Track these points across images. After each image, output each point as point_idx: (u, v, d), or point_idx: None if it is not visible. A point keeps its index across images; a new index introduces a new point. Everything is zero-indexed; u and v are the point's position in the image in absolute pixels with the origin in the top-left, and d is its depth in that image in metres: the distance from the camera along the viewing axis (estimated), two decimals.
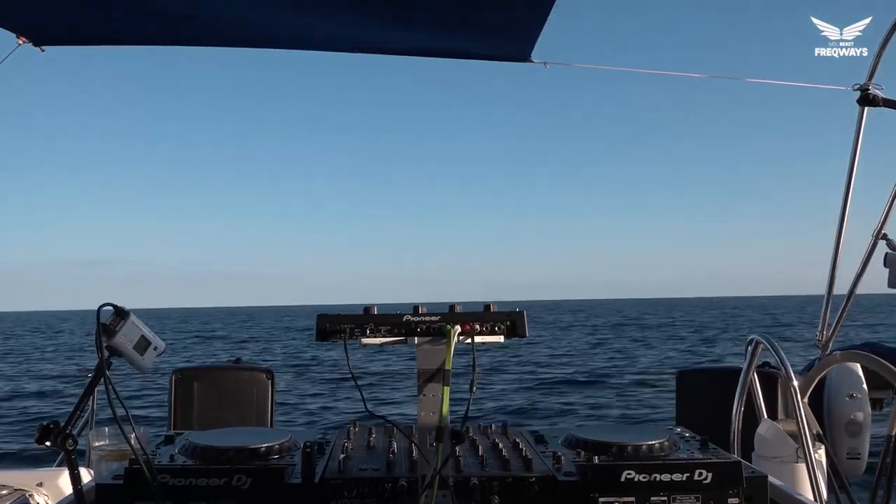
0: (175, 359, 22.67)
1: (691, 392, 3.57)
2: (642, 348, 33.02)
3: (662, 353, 29.43)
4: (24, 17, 2.78)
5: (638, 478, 1.66)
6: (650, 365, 23.58)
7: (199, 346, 42.27)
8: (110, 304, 1.67)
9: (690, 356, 27.29)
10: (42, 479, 2.52)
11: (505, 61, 3.30)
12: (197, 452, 1.78)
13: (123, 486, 1.65)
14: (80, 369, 13.20)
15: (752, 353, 3.01)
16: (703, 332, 45.84)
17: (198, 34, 3.16)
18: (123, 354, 1.68)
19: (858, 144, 3.67)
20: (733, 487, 1.68)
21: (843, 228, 3.71)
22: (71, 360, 29.42)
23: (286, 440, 1.89)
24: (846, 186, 3.69)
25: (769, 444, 2.69)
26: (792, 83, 4.13)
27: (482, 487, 1.67)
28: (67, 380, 20.75)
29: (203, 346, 41.39)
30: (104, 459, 2.07)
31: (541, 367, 20.38)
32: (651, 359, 26.42)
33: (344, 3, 2.75)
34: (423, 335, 1.71)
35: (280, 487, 1.66)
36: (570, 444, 1.93)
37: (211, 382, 3.66)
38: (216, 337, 53.65)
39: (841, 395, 3.12)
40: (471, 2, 2.70)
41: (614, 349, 32.52)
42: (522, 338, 1.74)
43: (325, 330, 1.72)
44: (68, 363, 29.51)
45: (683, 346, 33.04)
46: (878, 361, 2.90)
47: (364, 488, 1.68)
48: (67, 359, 32.02)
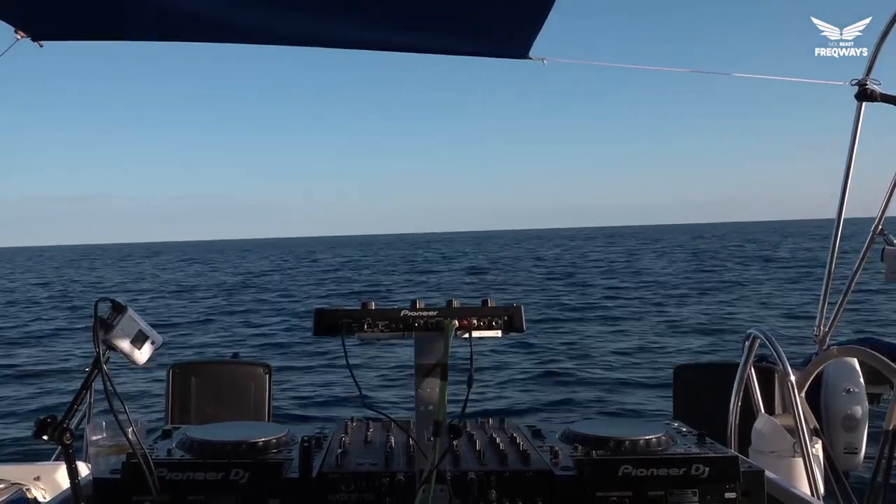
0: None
1: (688, 387, 3.57)
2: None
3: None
4: (23, 12, 2.76)
5: (635, 472, 1.67)
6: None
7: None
8: (108, 299, 1.67)
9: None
10: (39, 474, 2.52)
11: (503, 58, 3.30)
12: (194, 447, 1.78)
13: (121, 480, 1.65)
14: (79, 365, 13.20)
15: (750, 347, 3.01)
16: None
17: (198, 30, 3.15)
18: (121, 349, 1.67)
19: (856, 139, 3.67)
20: (730, 482, 1.69)
21: (840, 221, 3.71)
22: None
23: (284, 435, 1.89)
24: (844, 181, 3.68)
25: (766, 438, 2.69)
26: (785, 78, 4.14)
27: (480, 482, 1.68)
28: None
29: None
30: (101, 454, 2.06)
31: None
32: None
33: (344, 1, 2.74)
34: (421, 330, 1.71)
35: (278, 482, 1.66)
36: (567, 438, 1.94)
37: (208, 377, 3.65)
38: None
39: (838, 390, 3.12)
40: (471, 2, 2.70)
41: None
42: (520, 332, 1.74)
43: (323, 324, 1.72)
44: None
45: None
46: (876, 356, 2.90)
47: (361, 483, 1.68)
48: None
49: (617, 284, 31.18)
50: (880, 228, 3.50)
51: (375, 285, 36.38)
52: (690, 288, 28.17)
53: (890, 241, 3.41)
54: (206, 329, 20.90)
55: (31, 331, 21.31)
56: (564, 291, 28.96)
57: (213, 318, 23.69)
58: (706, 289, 27.63)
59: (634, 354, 14.29)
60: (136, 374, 10.16)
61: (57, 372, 14.02)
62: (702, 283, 30.31)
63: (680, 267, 41.15)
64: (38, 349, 17.42)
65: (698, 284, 29.48)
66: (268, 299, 30.00)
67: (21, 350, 17.34)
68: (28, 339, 19.58)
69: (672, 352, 14.35)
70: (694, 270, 37.96)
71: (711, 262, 44.32)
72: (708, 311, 20.83)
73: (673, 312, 20.88)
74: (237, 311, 25.52)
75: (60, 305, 30.06)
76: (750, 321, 17.43)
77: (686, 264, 43.42)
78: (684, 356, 13.51)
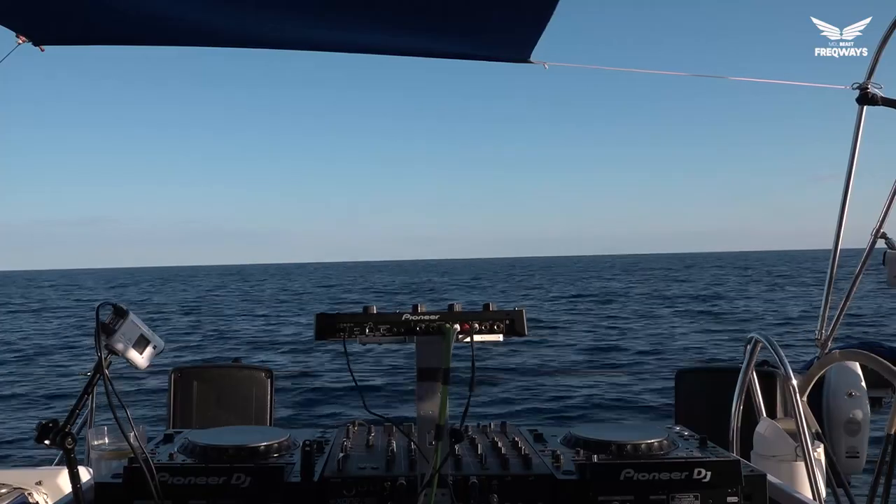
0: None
1: (690, 391, 3.57)
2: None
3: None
4: (24, 17, 2.77)
5: (637, 476, 1.66)
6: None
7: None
8: (110, 304, 1.67)
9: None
10: (41, 478, 2.51)
11: (504, 62, 3.30)
12: (196, 451, 1.78)
13: (122, 484, 1.65)
14: (81, 370, 13.21)
15: (752, 351, 3.01)
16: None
17: (201, 35, 3.16)
18: (122, 353, 1.67)
19: (858, 143, 3.66)
20: (732, 486, 1.68)
21: (842, 226, 3.70)
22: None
23: (285, 439, 1.89)
24: (845, 185, 3.68)
25: (768, 442, 2.69)
26: (785, 81, 4.14)
27: (481, 486, 1.67)
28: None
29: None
30: (103, 458, 2.07)
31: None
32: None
33: (346, 4, 2.75)
34: (423, 334, 1.71)
35: (279, 486, 1.66)
36: (569, 442, 1.93)
37: (210, 381, 3.66)
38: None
39: (840, 394, 3.12)
40: (473, 6, 2.70)
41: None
42: (521, 336, 1.74)
43: (324, 328, 1.72)
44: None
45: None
46: (877, 360, 2.90)
47: (363, 487, 1.68)
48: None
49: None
50: (881, 231, 3.50)
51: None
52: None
53: (891, 245, 3.41)
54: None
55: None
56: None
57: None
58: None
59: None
60: (137, 379, 10.16)
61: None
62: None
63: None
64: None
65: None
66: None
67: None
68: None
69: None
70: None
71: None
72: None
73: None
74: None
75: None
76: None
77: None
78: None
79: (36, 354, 20.66)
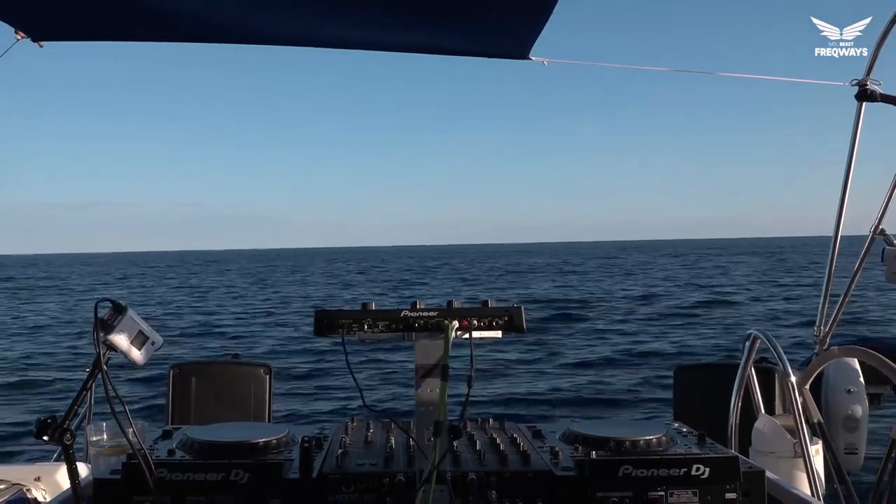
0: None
1: (689, 387, 3.57)
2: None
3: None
4: (23, 13, 2.76)
5: (635, 472, 1.67)
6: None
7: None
8: (108, 300, 1.67)
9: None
10: (40, 474, 2.51)
11: (503, 59, 3.30)
12: (195, 447, 1.78)
13: (121, 480, 1.65)
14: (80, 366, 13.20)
15: (750, 348, 3.01)
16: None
17: (200, 31, 3.15)
18: (121, 349, 1.67)
19: (857, 140, 3.66)
20: (731, 482, 1.69)
21: (840, 222, 3.70)
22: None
23: (284, 435, 1.89)
24: (844, 181, 3.68)
25: (767, 438, 2.69)
26: (785, 79, 4.14)
27: (480, 482, 1.67)
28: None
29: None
30: (102, 454, 2.07)
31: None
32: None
33: (347, 3, 2.74)
34: (421, 331, 1.71)
35: (278, 482, 1.66)
36: (567, 438, 1.94)
37: (209, 377, 3.65)
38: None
39: (838, 390, 3.12)
40: (473, 4, 2.70)
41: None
42: (520, 333, 1.74)
43: (323, 325, 1.72)
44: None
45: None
46: (876, 356, 2.90)
47: (362, 483, 1.68)
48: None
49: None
50: (880, 228, 3.50)
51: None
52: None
53: (890, 241, 3.41)
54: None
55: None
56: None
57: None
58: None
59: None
60: (136, 374, 10.17)
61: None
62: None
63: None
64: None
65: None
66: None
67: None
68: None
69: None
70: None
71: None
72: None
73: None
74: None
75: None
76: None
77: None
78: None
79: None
